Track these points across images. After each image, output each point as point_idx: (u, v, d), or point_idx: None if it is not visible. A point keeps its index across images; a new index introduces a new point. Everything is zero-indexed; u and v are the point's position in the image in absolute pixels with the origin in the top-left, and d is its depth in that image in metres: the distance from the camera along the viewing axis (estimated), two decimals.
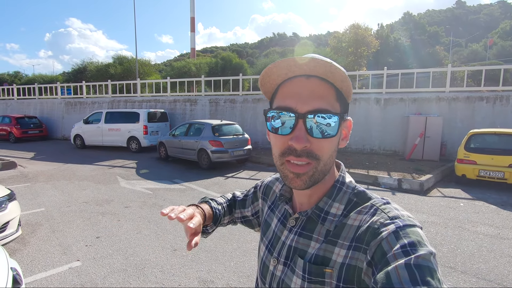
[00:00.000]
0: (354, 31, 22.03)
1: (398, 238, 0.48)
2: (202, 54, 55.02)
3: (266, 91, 0.64)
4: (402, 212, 0.55)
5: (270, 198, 0.82)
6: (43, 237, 4.02)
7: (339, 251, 0.56)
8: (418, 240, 0.47)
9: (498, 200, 5.63)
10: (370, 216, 0.56)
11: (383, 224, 0.52)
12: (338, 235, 0.58)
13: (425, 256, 0.45)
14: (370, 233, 0.53)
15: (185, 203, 5.49)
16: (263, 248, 0.74)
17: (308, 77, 0.57)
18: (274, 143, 0.61)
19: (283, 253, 0.65)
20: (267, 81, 0.61)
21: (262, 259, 0.73)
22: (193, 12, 30.51)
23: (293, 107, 0.56)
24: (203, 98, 13.50)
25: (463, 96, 9.26)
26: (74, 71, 25.69)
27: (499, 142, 6.51)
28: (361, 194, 0.62)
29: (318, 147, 0.57)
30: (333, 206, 0.62)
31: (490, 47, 39.00)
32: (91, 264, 3.30)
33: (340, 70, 0.55)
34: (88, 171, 8.20)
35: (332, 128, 0.56)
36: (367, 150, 10.29)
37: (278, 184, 0.82)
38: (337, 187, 0.64)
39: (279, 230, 0.70)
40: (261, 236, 0.79)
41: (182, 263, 3.35)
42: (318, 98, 0.56)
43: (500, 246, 3.73)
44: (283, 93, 0.59)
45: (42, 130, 15.99)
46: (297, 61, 0.56)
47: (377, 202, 0.59)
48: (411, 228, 0.50)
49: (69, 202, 5.53)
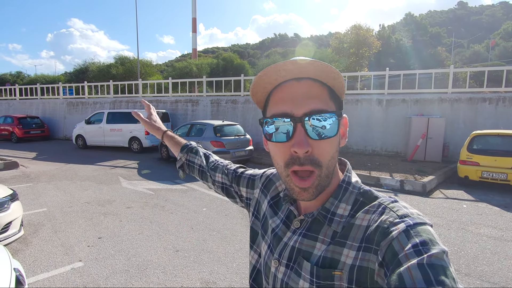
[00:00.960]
0: (356, 31, 21.98)
1: (409, 237, 0.47)
2: (204, 54, 55.13)
3: (258, 101, 0.63)
4: (411, 210, 0.53)
5: (271, 193, 0.78)
6: (45, 237, 4.02)
7: (348, 253, 0.55)
8: (430, 239, 0.46)
9: (501, 202, 5.60)
10: (379, 215, 0.55)
11: (392, 223, 0.51)
12: (346, 236, 0.57)
13: (438, 255, 0.44)
14: (379, 233, 0.51)
15: (186, 203, 5.48)
16: (265, 247, 0.71)
17: (298, 79, 0.56)
18: (275, 152, 0.59)
19: (285, 255, 0.63)
20: (258, 90, 0.60)
21: (264, 258, 0.70)
22: (194, 12, 30.55)
23: (289, 111, 0.55)
24: (204, 98, 13.51)
25: (465, 97, 9.23)
26: (76, 72, 25.76)
27: (502, 143, 6.48)
28: (368, 193, 0.61)
29: (319, 151, 0.55)
30: (339, 207, 0.60)
31: (492, 48, 38.91)
32: (93, 265, 3.30)
33: (331, 68, 0.55)
34: (90, 171, 8.21)
35: (331, 128, 0.55)
36: (369, 151, 10.27)
37: (281, 181, 0.79)
38: (343, 187, 0.62)
39: (281, 231, 0.68)
40: (261, 233, 0.75)
41: (184, 264, 3.35)
42: (312, 99, 0.55)
43: (503, 248, 3.71)
44: (276, 100, 0.58)
45: (44, 130, 16.04)
46: (285, 65, 0.55)
47: (384, 201, 0.57)
48: (422, 226, 0.49)
49: (71, 202, 5.53)
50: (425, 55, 36.63)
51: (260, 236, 0.75)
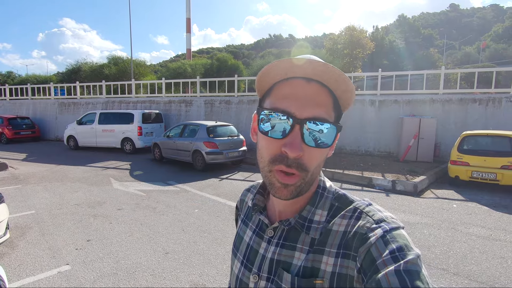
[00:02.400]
0: (350, 33, 22.15)
1: (387, 243, 0.49)
2: (198, 55, 54.96)
3: (260, 89, 0.60)
4: (385, 214, 0.55)
5: (243, 210, 0.78)
6: (32, 240, 3.94)
7: (327, 260, 0.55)
8: (406, 244, 0.48)
9: (491, 202, 5.68)
10: (355, 220, 0.55)
11: (370, 229, 0.52)
12: (324, 243, 0.56)
13: (413, 261, 0.46)
14: (357, 239, 0.52)
15: (178, 205, 5.44)
16: (237, 265, 0.69)
17: (308, 80, 0.54)
18: (264, 146, 0.56)
19: (264, 268, 0.61)
20: (265, 79, 0.58)
21: (238, 276, 0.68)
22: (189, 13, 30.44)
23: (291, 111, 0.53)
24: (198, 99, 13.45)
25: (456, 98, 9.34)
26: (68, 72, 25.39)
27: (492, 143, 6.57)
28: (342, 197, 0.62)
29: (309, 157, 0.54)
30: (316, 213, 0.60)
31: (483, 50, 39.55)
32: (80, 268, 3.24)
33: (346, 79, 0.53)
34: (81, 173, 8.09)
35: (328, 138, 0.54)
36: (362, 151, 10.33)
37: (249, 194, 0.79)
38: (319, 193, 0.62)
39: (256, 243, 0.66)
40: (233, 251, 0.74)
41: (174, 266, 3.31)
42: (318, 105, 0.54)
43: (492, 248, 3.75)
44: (280, 94, 0.56)
45: (34, 131, 15.78)
46: (301, 62, 0.53)
47: (360, 205, 0.58)
48: (397, 231, 0.51)
49: (61, 204, 5.44)
50: (418, 57, 37.09)
51: (232, 255, 0.74)
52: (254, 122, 0.62)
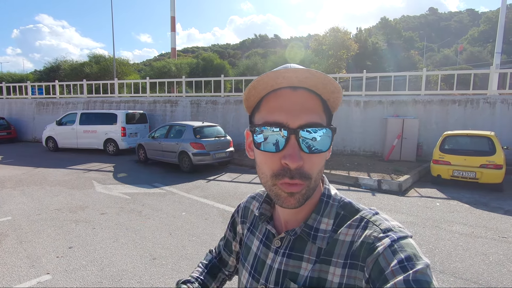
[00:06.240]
0: (334, 34, 22.48)
1: (395, 253, 0.48)
2: (183, 54, 54.27)
3: (248, 105, 0.59)
4: (392, 223, 0.54)
5: (249, 219, 0.76)
6: (9, 249, 3.73)
7: (334, 270, 0.54)
8: (414, 253, 0.47)
9: (471, 199, 5.89)
10: (362, 230, 0.55)
11: (377, 238, 0.51)
12: (331, 253, 0.56)
13: (422, 270, 0.45)
14: (365, 249, 0.52)
15: (165, 208, 5.31)
16: (245, 275, 0.69)
17: (294, 88, 0.54)
18: (263, 161, 0.56)
19: (271, 279, 0.61)
20: (253, 94, 0.57)
21: (246, 287, 0.68)
22: (173, 11, 29.93)
23: (284, 122, 0.53)
24: (184, 99, 13.23)
25: (437, 99, 9.66)
26: (46, 70, 24.40)
27: (471, 143, 6.82)
28: (348, 206, 0.61)
29: (310, 164, 0.54)
30: (322, 222, 0.59)
31: (461, 53, 41.16)
32: (62, 277, 3.09)
33: (333, 81, 0.53)
34: (61, 176, 7.77)
35: (324, 142, 0.54)
36: (348, 151, 10.49)
37: (255, 202, 0.77)
38: (324, 201, 0.62)
39: (263, 253, 0.66)
40: (241, 261, 0.73)
41: (162, 272, 3.21)
42: (308, 111, 0.54)
43: (474, 245, 3.88)
44: (269, 107, 0.55)
45: (10, 132, 15.05)
46: (286, 73, 0.52)
47: (366, 214, 0.57)
48: (405, 240, 0.50)
49: (40, 209, 5.19)
50: (400, 58, 38.16)
51: (240, 265, 0.73)
52: (248, 139, 0.62)
